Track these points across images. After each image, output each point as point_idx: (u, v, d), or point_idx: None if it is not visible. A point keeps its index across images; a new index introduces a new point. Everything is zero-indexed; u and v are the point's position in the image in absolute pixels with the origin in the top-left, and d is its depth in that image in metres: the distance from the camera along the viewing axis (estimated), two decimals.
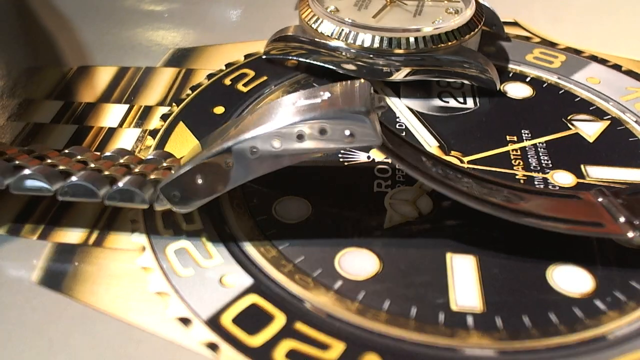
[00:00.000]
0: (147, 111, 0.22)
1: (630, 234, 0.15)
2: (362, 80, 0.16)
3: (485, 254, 0.16)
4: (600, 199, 0.16)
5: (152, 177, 0.16)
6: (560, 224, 0.15)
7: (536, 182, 0.18)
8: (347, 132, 0.14)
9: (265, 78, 0.24)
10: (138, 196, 0.15)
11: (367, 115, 0.14)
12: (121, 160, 0.17)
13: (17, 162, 0.16)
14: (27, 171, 0.16)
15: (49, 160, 0.17)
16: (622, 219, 0.15)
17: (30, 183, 0.16)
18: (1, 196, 0.18)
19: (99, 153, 0.18)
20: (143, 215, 0.17)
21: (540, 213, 0.15)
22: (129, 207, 0.16)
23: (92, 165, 0.17)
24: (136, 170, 0.17)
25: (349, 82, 0.16)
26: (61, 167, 0.16)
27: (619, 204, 0.16)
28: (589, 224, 0.15)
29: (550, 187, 0.18)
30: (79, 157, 0.17)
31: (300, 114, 0.14)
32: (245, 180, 0.15)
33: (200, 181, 0.15)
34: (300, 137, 0.14)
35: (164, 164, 0.17)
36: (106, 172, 0.16)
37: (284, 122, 0.14)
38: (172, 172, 0.16)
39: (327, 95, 0.15)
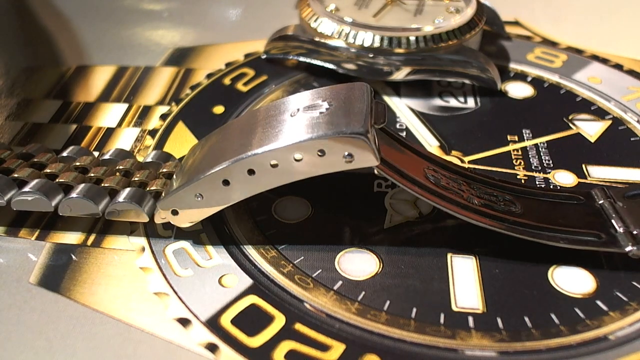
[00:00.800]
0: (146, 111, 0.22)
1: (628, 248, 0.15)
2: (363, 86, 0.15)
3: (485, 254, 0.16)
4: (601, 202, 0.16)
5: (152, 188, 0.16)
6: (559, 235, 0.15)
7: (537, 182, 0.18)
8: (346, 153, 0.14)
9: (265, 77, 0.24)
10: (138, 211, 0.16)
11: (366, 135, 0.14)
12: (120, 167, 0.17)
13: (16, 175, 0.16)
14: (27, 188, 0.16)
15: (47, 170, 0.17)
16: (621, 230, 0.15)
17: (30, 201, 0.16)
18: None
19: (97, 153, 0.18)
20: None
21: (539, 224, 0.15)
22: (130, 220, 0.16)
23: (92, 174, 0.17)
24: (136, 178, 0.17)
25: (348, 88, 0.16)
26: (60, 180, 0.16)
27: (620, 208, 0.16)
28: (587, 236, 0.15)
29: (551, 187, 0.18)
30: (77, 163, 0.17)
31: (298, 134, 0.14)
32: (243, 198, 0.15)
33: (198, 199, 0.15)
34: (299, 158, 0.14)
35: (164, 170, 0.17)
36: (105, 184, 0.16)
37: (282, 144, 0.14)
38: (173, 181, 0.16)
39: (325, 107, 0.15)
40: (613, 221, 0.16)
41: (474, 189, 0.16)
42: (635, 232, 0.15)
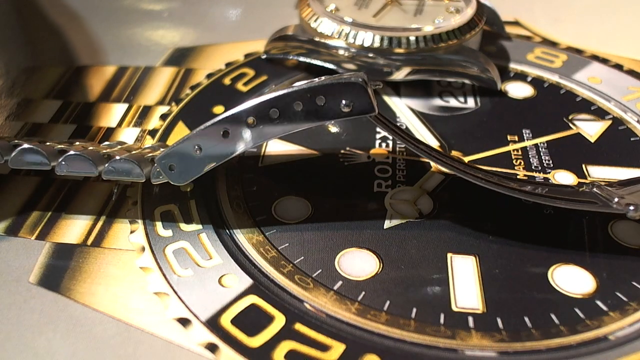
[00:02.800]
0: (146, 111, 0.22)
1: (625, 209, 0.15)
2: (358, 72, 0.16)
3: (485, 254, 0.16)
4: (594, 189, 0.16)
5: (150, 154, 0.16)
6: (558, 202, 0.15)
7: None
8: (344, 102, 0.14)
9: (265, 77, 0.24)
10: (135, 169, 0.16)
11: (365, 84, 0.14)
12: (119, 147, 0.17)
13: (15, 141, 0.16)
14: (25, 145, 0.16)
15: (48, 143, 0.17)
16: (616, 199, 0.15)
17: (28, 157, 0.16)
18: None
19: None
20: (142, 215, 0.17)
21: (537, 192, 0.16)
22: (126, 180, 0.16)
23: (91, 148, 0.17)
24: (134, 151, 0.17)
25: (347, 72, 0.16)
26: (59, 147, 0.16)
27: (612, 191, 0.16)
28: (586, 202, 0.15)
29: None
30: (77, 143, 0.17)
31: (298, 86, 0.15)
32: (242, 151, 0.15)
33: (197, 152, 0.15)
34: (298, 106, 0.14)
35: (162, 150, 0.17)
36: (104, 151, 0.16)
37: (282, 92, 0.15)
38: None
39: (324, 77, 0.15)
40: (608, 195, 0.16)
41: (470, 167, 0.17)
42: (630, 203, 0.15)
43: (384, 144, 0.20)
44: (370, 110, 0.15)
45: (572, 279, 0.15)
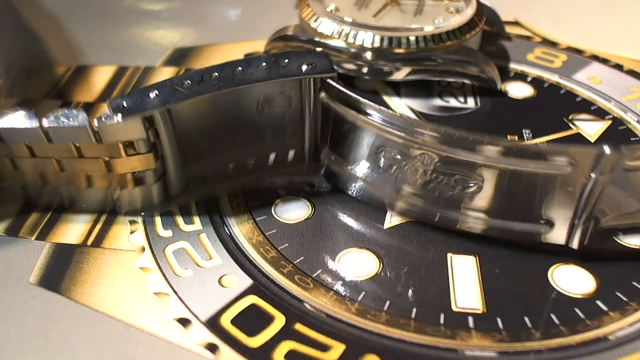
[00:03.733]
0: None
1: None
2: None
3: (485, 254, 0.16)
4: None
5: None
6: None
7: None
8: (306, 63, 0.16)
9: None
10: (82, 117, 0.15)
11: (327, 54, 0.16)
12: None
13: None
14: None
15: None
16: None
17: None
18: None
19: None
20: (142, 215, 0.17)
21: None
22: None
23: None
24: None
25: None
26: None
27: None
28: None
29: None
30: None
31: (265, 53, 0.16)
32: (195, 96, 0.15)
33: (152, 95, 0.15)
34: (261, 64, 0.16)
35: None
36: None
37: (249, 57, 0.16)
38: None
39: None
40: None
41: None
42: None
43: None
44: (329, 70, 0.16)
45: (572, 279, 0.15)
